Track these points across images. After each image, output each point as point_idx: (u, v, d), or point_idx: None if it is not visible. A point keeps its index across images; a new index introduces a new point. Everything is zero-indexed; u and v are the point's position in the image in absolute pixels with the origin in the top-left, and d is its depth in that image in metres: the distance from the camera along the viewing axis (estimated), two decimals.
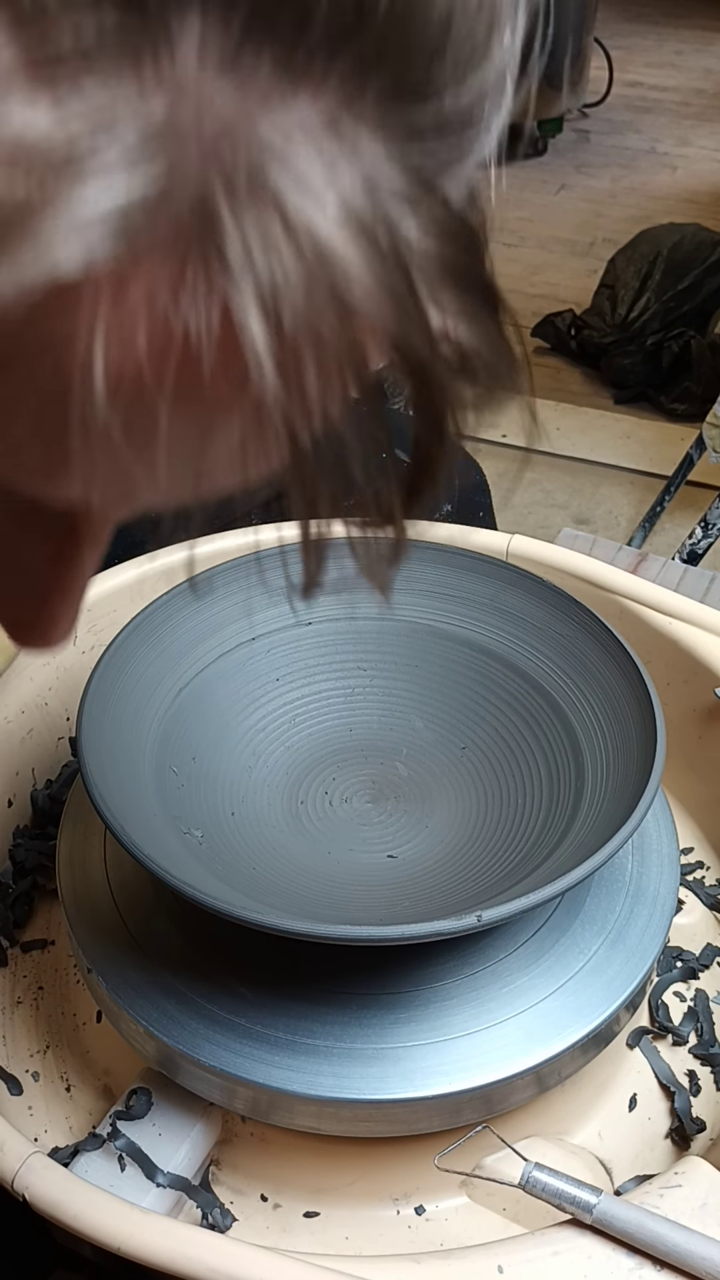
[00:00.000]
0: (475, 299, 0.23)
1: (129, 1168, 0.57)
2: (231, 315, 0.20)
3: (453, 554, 0.75)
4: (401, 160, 0.22)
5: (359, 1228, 0.59)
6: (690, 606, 0.81)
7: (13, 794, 0.76)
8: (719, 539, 1.60)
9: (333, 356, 0.22)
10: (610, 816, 0.59)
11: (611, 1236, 0.51)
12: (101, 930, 0.61)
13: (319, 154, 0.20)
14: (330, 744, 0.71)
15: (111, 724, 0.63)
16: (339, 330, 0.21)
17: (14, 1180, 0.52)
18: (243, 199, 0.20)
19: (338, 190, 0.20)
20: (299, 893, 0.61)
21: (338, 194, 0.20)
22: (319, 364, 0.22)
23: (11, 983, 0.71)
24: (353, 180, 0.21)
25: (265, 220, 0.20)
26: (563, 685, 0.69)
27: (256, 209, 0.20)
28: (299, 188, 0.20)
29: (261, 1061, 0.56)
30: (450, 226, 0.22)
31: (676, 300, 2.17)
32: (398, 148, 0.21)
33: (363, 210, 0.21)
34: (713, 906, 0.74)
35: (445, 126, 0.22)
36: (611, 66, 3.43)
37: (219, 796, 0.66)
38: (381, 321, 0.22)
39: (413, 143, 0.22)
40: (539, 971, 0.60)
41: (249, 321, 0.20)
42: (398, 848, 0.66)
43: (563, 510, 1.91)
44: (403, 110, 0.21)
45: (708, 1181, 0.54)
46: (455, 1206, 0.60)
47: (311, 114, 0.20)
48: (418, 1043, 0.57)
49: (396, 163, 0.21)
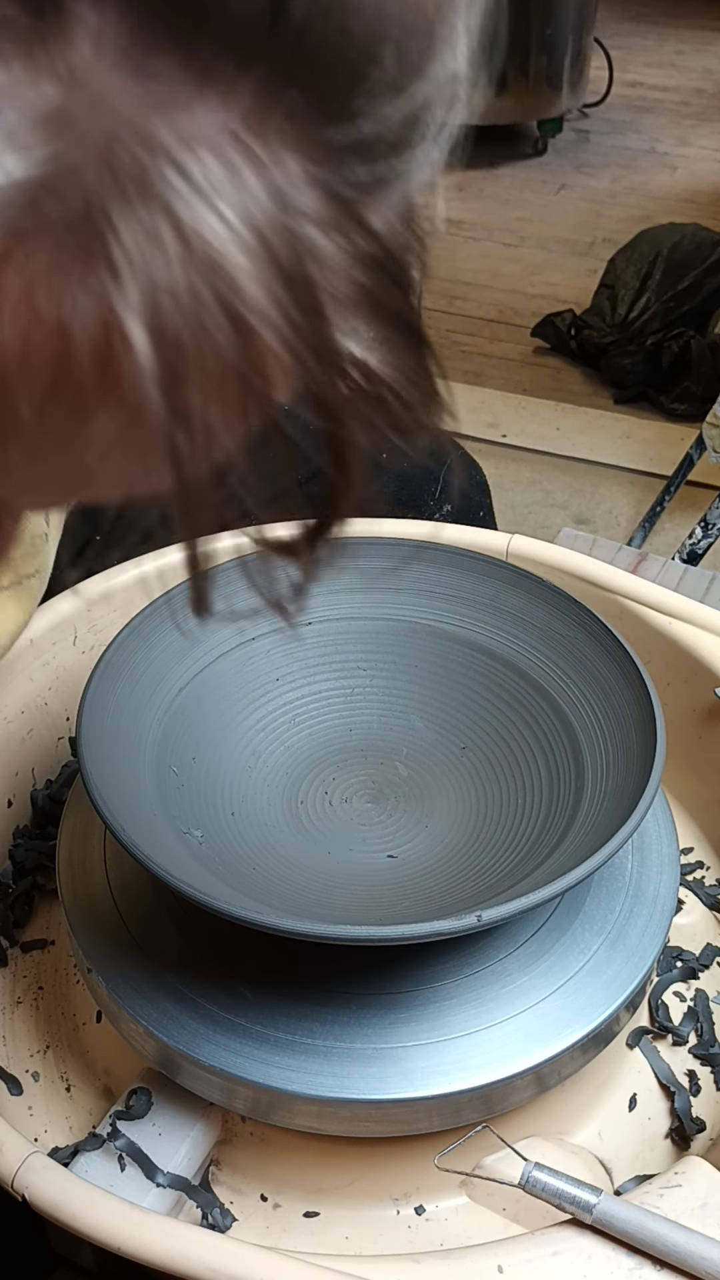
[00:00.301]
0: (392, 329, 0.22)
1: (129, 1168, 0.57)
2: (111, 314, 0.20)
3: (453, 554, 0.75)
4: (318, 180, 0.21)
5: (359, 1228, 0.59)
6: (690, 606, 0.81)
7: (13, 794, 0.77)
8: (719, 539, 1.60)
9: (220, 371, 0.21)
10: (610, 816, 0.59)
11: (611, 1236, 0.51)
12: (101, 930, 0.61)
13: (221, 162, 0.19)
14: (330, 744, 0.71)
15: (111, 724, 0.63)
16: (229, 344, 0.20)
17: (14, 1180, 0.52)
18: (133, 198, 0.19)
19: (239, 200, 0.19)
20: (299, 893, 0.61)
21: (238, 204, 0.19)
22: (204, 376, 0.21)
23: (11, 983, 0.71)
24: (257, 193, 0.20)
25: (155, 222, 0.19)
26: (563, 685, 0.69)
27: (147, 209, 0.19)
28: (194, 193, 0.19)
29: (261, 1061, 0.56)
30: (370, 253, 0.21)
31: (676, 300, 2.16)
32: (314, 167, 0.21)
33: (264, 224, 0.20)
34: (713, 906, 0.74)
35: (369, 148, 0.21)
36: (611, 66, 3.42)
37: (219, 796, 0.66)
38: (278, 342, 0.21)
39: (332, 163, 0.21)
40: (539, 971, 0.60)
41: (129, 322, 0.19)
42: (398, 848, 0.66)
43: (563, 510, 1.91)
44: (320, 128, 0.20)
45: (708, 1181, 0.54)
46: (455, 1206, 0.60)
47: (218, 121, 0.19)
48: (418, 1043, 0.57)
49: (312, 182, 0.20)
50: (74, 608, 0.79)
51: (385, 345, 0.22)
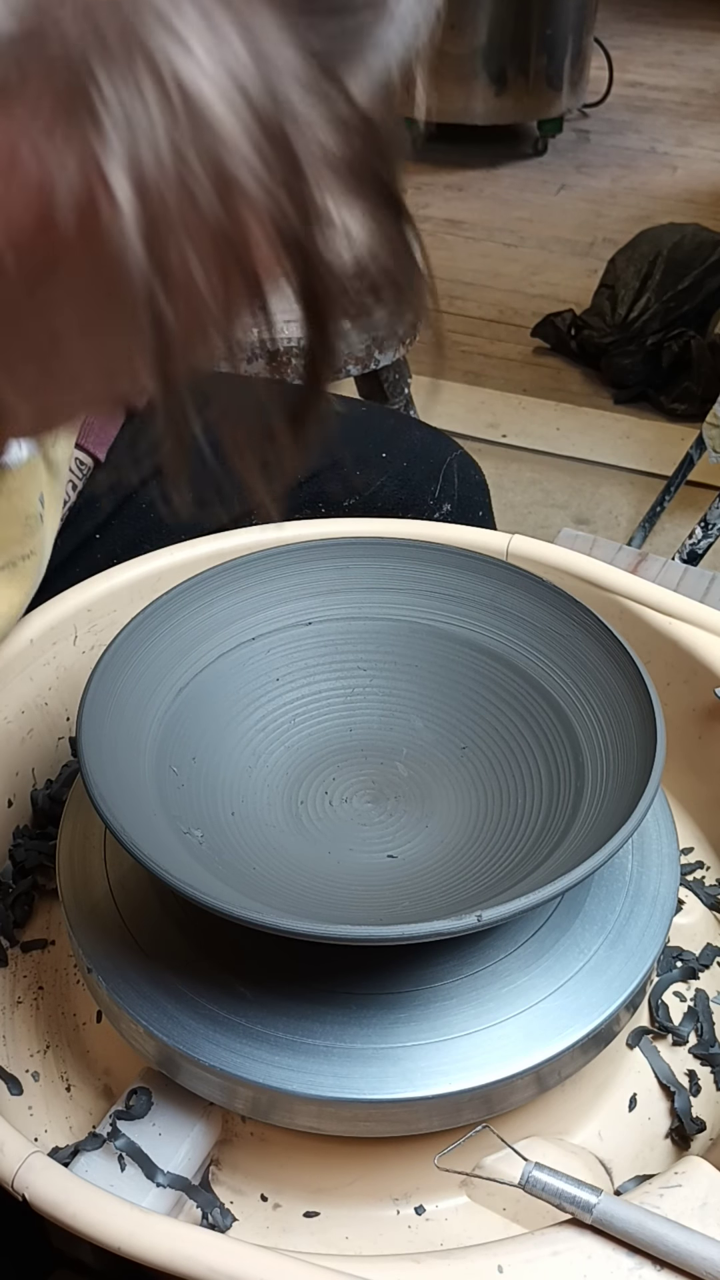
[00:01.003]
0: (374, 199, 0.22)
1: (129, 1167, 0.57)
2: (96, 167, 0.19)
3: (453, 554, 0.75)
4: (297, 40, 0.20)
5: (359, 1228, 0.59)
6: (690, 606, 0.81)
7: (13, 794, 0.77)
8: (719, 539, 1.60)
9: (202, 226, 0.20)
10: (610, 816, 0.59)
11: (611, 1236, 0.51)
12: (101, 930, 0.61)
13: (204, 19, 0.19)
14: (330, 744, 0.71)
15: (111, 724, 0.63)
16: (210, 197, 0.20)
17: (14, 1180, 0.52)
18: (117, 54, 0.19)
19: (222, 56, 0.19)
20: (299, 893, 0.61)
21: (221, 59, 0.19)
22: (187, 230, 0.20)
23: (11, 983, 0.71)
24: (237, 47, 0.19)
25: (139, 77, 0.19)
26: (563, 685, 0.69)
27: (131, 65, 0.19)
28: (179, 48, 0.19)
29: (261, 1061, 0.56)
30: (351, 121, 0.21)
31: (676, 300, 2.17)
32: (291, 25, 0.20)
33: (248, 80, 0.19)
34: (713, 906, 0.75)
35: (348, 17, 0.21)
36: (611, 66, 3.43)
37: (219, 796, 0.66)
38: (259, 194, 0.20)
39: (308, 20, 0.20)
40: (539, 971, 0.60)
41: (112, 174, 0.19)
42: (398, 848, 0.66)
43: (563, 510, 1.91)
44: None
45: (708, 1181, 0.54)
46: (455, 1206, 0.60)
47: None
48: (418, 1043, 0.57)
49: (292, 42, 0.20)
50: (74, 608, 0.79)
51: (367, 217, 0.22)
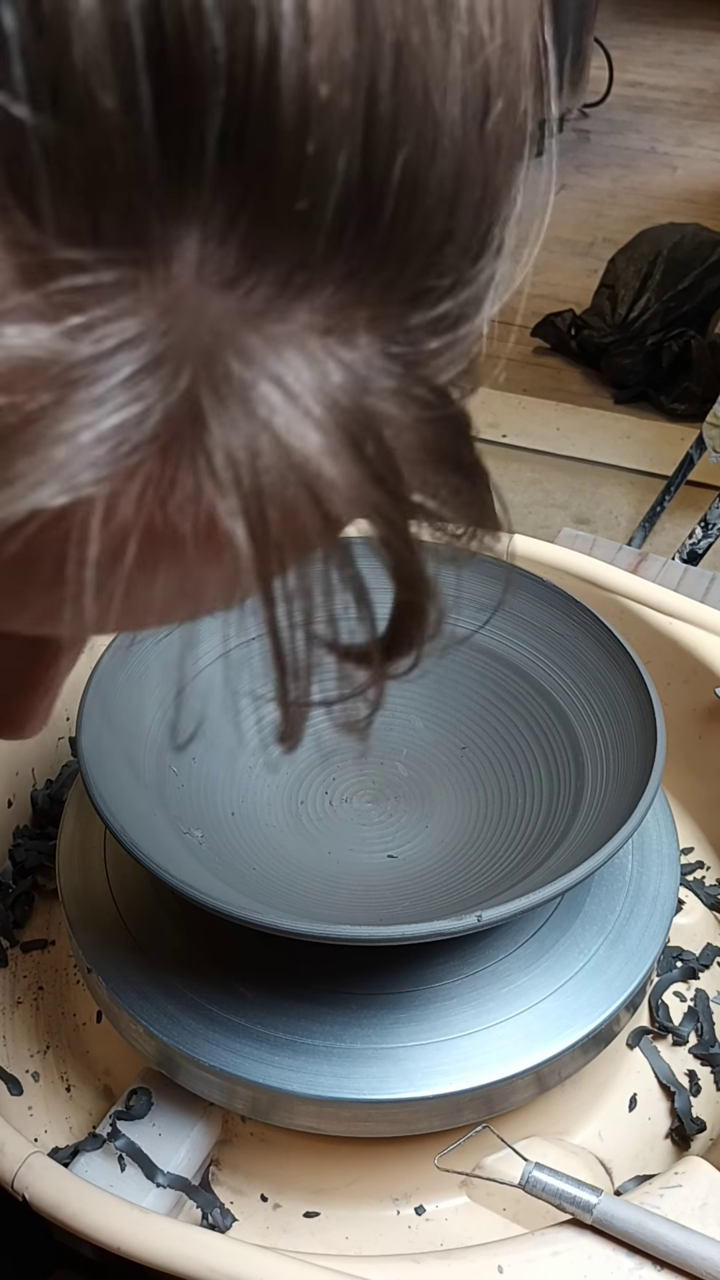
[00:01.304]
0: (459, 477, 0.24)
1: (129, 1168, 0.57)
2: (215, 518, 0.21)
3: None
4: (392, 358, 0.21)
5: (359, 1228, 0.59)
6: (690, 606, 0.81)
7: (13, 794, 0.77)
8: (719, 539, 1.60)
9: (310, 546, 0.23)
10: (610, 816, 0.59)
11: (611, 1236, 0.51)
12: (101, 930, 0.61)
13: (306, 360, 0.20)
14: (330, 744, 0.71)
15: (111, 724, 0.63)
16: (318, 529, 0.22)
17: (14, 1180, 0.52)
18: (231, 410, 0.20)
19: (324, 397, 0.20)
20: (299, 893, 0.61)
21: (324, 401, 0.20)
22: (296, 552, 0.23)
23: (11, 983, 0.71)
24: (340, 383, 0.21)
25: (251, 430, 0.20)
26: (563, 685, 0.69)
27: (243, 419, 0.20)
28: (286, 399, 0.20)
29: (261, 1061, 0.56)
30: (437, 412, 0.22)
31: (676, 300, 2.16)
32: (390, 346, 0.21)
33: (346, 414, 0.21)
34: (713, 906, 0.75)
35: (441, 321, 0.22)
36: (611, 66, 3.42)
37: (219, 796, 0.66)
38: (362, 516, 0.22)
39: (406, 340, 0.22)
40: (539, 971, 0.60)
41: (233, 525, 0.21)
42: (398, 848, 0.66)
43: (563, 510, 1.91)
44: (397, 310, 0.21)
45: (708, 1181, 0.54)
46: (455, 1206, 0.60)
47: (304, 323, 0.20)
48: (418, 1043, 0.57)
49: (387, 360, 0.21)
50: None
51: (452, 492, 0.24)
